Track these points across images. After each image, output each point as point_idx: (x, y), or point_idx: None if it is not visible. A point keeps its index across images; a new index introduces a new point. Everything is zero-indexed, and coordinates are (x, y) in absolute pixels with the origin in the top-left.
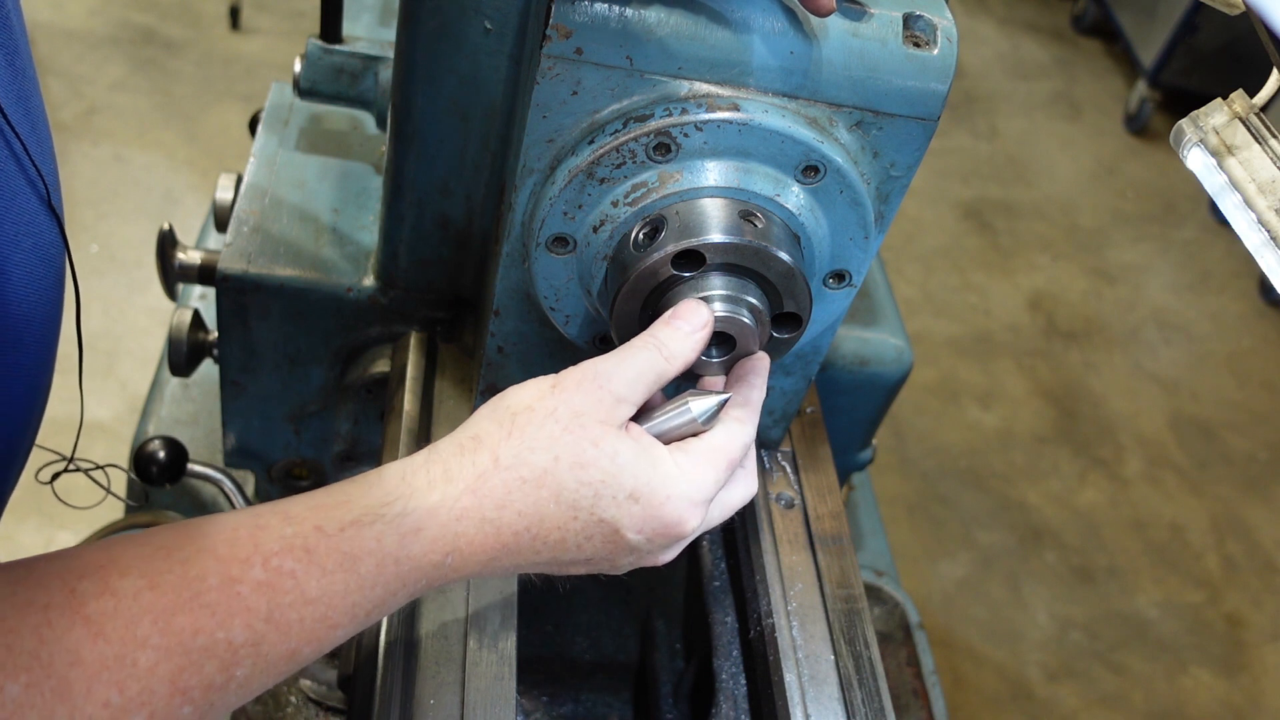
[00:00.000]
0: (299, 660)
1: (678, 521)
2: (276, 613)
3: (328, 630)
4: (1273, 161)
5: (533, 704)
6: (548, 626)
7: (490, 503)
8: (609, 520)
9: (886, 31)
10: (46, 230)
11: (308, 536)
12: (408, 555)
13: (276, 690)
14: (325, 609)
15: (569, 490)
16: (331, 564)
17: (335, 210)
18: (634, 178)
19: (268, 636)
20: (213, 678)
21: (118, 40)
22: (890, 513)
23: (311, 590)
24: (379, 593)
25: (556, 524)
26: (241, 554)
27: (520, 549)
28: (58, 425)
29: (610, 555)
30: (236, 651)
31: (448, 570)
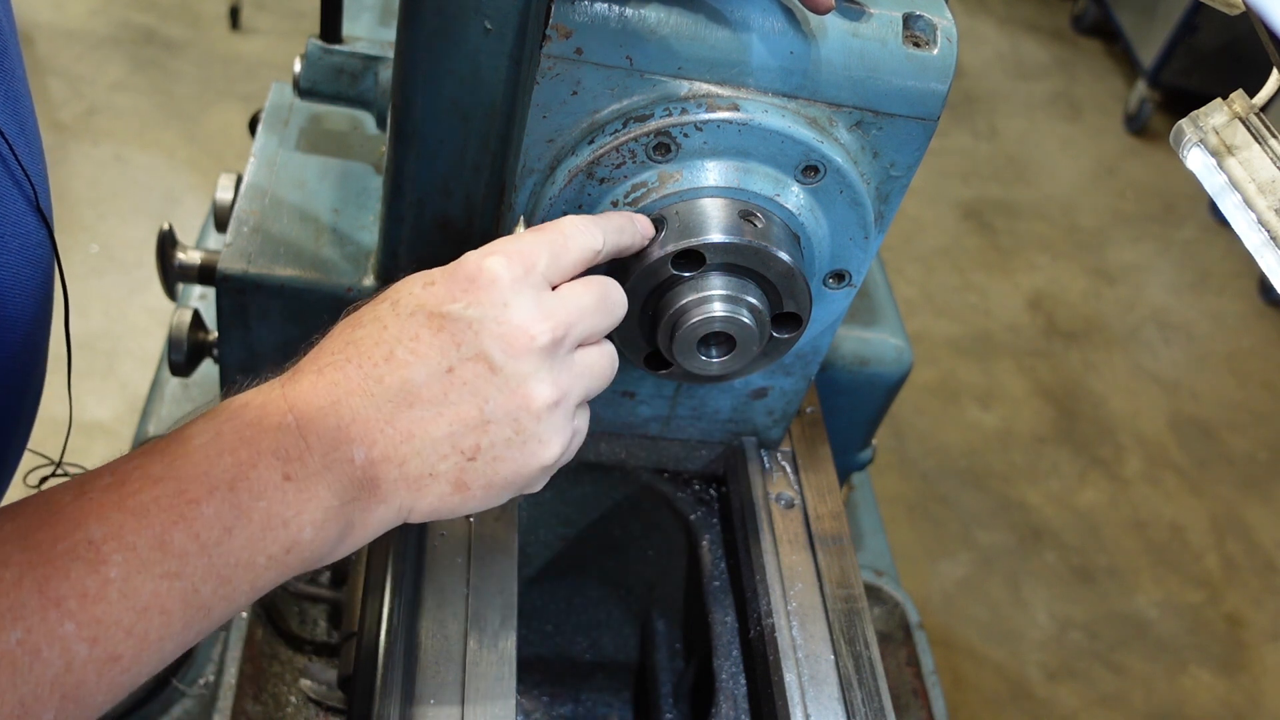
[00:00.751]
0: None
1: (478, 267)
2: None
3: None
4: (1273, 161)
5: (533, 704)
6: (548, 626)
7: (314, 356)
8: (418, 307)
9: (886, 31)
10: (34, 231)
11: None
12: (242, 420)
13: (276, 690)
14: (175, 483)
15: (368, 310)
16: (168, 445)
17: (335, 210)
18: (634, 178)
19: (126, 525)
20: (85, 582)
21: (118, 40)
22: (890, 513)
23: (155, 471)
24: (228, 460)
25: (372, 339)
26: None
27: (353, 382)
28: (57, 426)
29: (456, 343)
30: (99, 548)
31: (297, 429)
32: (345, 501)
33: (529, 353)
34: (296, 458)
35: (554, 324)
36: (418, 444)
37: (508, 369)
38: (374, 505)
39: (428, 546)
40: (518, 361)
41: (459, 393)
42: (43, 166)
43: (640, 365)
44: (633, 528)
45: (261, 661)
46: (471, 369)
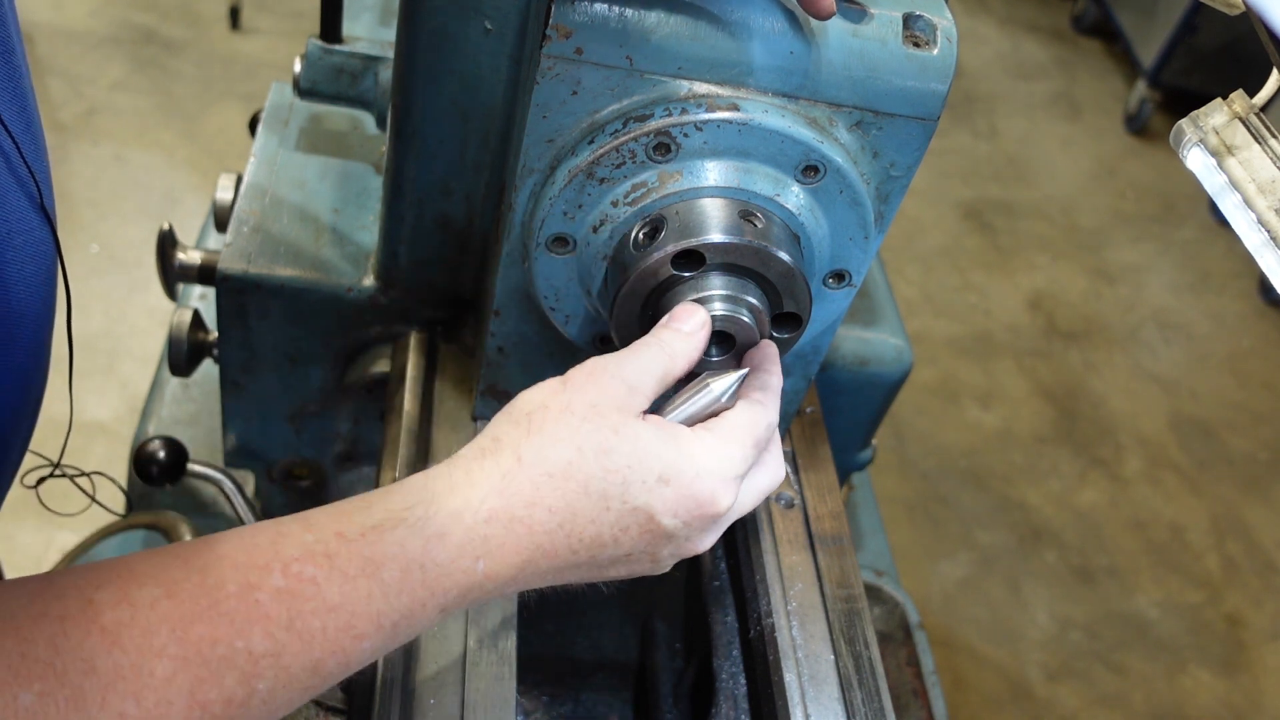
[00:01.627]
0: (323, 674)
1: (711, 499)
2: (298, 621)
3: (353, 640)
4: (1273, 161)
5: (533, 704)
6: (548, 626)
7: (519, 501)
8: (642, 507)
9: (886, 31)
10: (37, 229)
11: (328, 542)
12: (433, 561)
13: None
14: (348, 617)
15: (597, 479)
16: (353, 569)
17: (335, 210)
18: (634, 178)
19: (289, 646)
20: (233, 691)
21: (118, 40)
22: (890, 513)
23: (333, 597)
24: (405, 601)
25: (589, 517)
26: (260, 560)
27: (556, 549)
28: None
29: (649, 547)
30: (257, 662)
31: (481, 578)
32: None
33: (711, 531)
34: (463, 598)
35: (738, 507)
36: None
37: (663, 566)
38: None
39: None
40: (699, 539)
41: (617, 568)
42: (46, 165)
43: None
44: None
45: None
46: (641, 561)
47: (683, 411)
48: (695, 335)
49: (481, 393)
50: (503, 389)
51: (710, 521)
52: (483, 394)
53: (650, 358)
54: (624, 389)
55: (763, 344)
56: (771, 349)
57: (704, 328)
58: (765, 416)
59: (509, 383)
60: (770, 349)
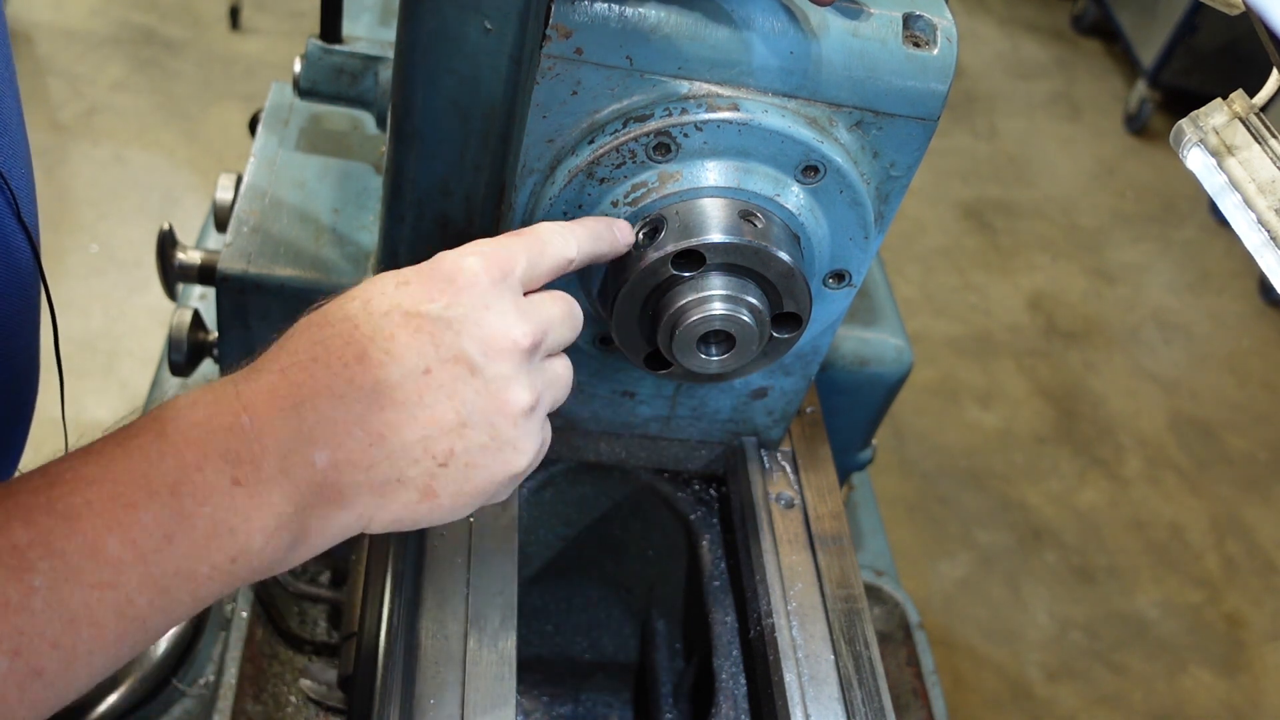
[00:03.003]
0: (109, 557)
1: (456, 268)
2: (57, 503)
3: (125, 510)
4: (1273, 161)
5: (533, 704)
6: (548, 626)
7: (276, 352)
8: (392, 309)
9: (886, 31)
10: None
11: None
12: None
13: (276, 690)
14: (111, 486)
15: (337, 310)
16: (107, 446)
17: (335, 210)
18: (634, 178)
19: (55, 529)
20: (6, 591)
21: (118, 40)
22: (890, 513)
23: (90, 472)
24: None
25: (343, 339)
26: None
27: (320, 382)
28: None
29: (434, 344)
30: (24, 554)
31: (252, 431)
32: (301, 508)
33: (509, 355)
34: (249, 461)
35: (533, 328)
36: (388, 448)
37: (488, 371)
38: (333, 512)
39: (428, 546)
40: (498, 364)
41: (435, 395)
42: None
43: (640, 365)
44: (633, 528)
45: (261, 661)
46: (450, 370)
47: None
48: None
49: None
50: None
51: (481, 295)
52: None
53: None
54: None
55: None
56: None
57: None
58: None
59: None
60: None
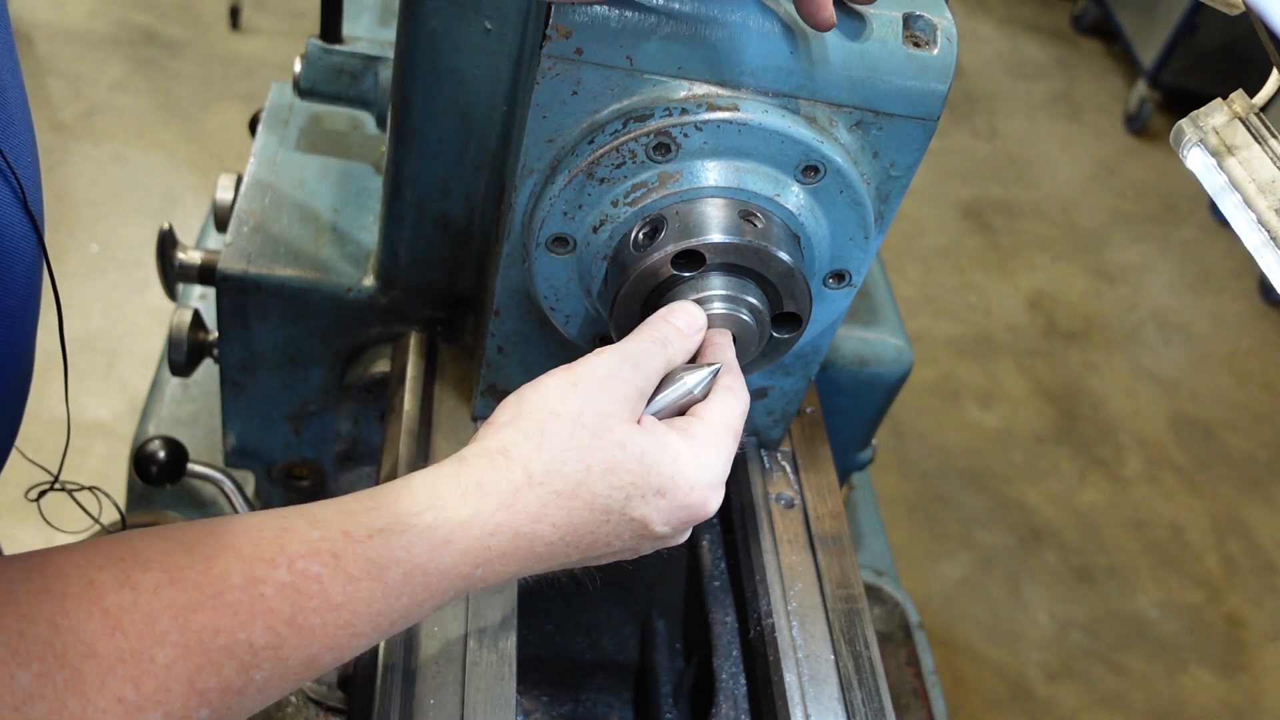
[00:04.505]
0: (318, 666)
1: (701, 506)
2: (299, 617)
3: (350, 638)
4: (1273, 161)
5: (533, 704)
6: (548, 626)
7: (525, 518)
8: (639, 518)
9: (886, 31)
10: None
11: (335, 541)
12: (437, 567)
13: None
14: (349, 616)
15: (601, 497)
16: (358, 570)
17: (335, 210)
18: (634, 178)
19: (289, 640)
20: (231, 680)
21: (118, 40)
22: (890, 513)
23: (336, 596)
24: (404, 602)
25: (589, 529)
26: (267, 554)
27: (553, 556)
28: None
29: (636, 546)
30: (257, 654)
31: (476, 581)
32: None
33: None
34: (457, 596)
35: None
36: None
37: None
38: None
39: None
40: (685, 533)
41: (604, 559)
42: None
43: None
44: None
45: None
46: (634, 548)
47: (661, 403)
48: (693, 338)
49: (481, 393)
50: (502, 389)
51: (696, 523)
52: (483, 394)
53: (655, 359)
54: (634, 396)
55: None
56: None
57: (702, 332)
58: (738, 407)
59: (509, 383)
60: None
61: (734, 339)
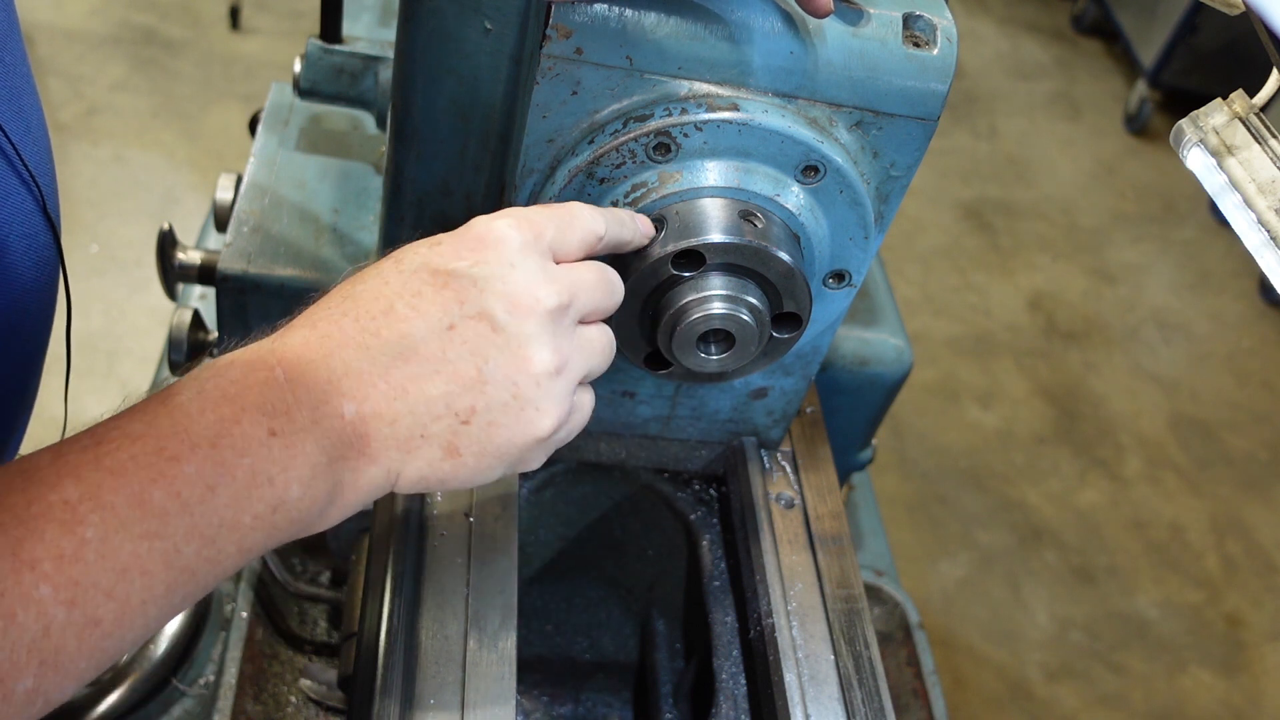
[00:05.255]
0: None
1: (488, 229)
2: (104, 459)
3: (169, 463)
4: (1273, 161)
5: (533, 704)
6: (548, 626)
7: (309, 313)
8: (421, 265)
9: (886, 31)
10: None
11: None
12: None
13: (276, 690)
14: (154, 441)
15: (369, 271)
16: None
17: (335, 210)
18: (634, 178)
19: (103, 484)
20: (59, 543)
21: (118, 40)
22: (890, 513)
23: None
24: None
25: (371, 294)
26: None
27: (347, 334)
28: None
29: (459, 300)
30: (75, 508)
31: (285, 382)
32: (333, 459)
33: (533, 315)
34: (283, 412)
35: (559, 289)
36: (411, 401)
37: (510, 329)
38: (363, 465)
39: (428, 546)
40: (521, 322)
41: (458, 350)
42: (50, 167)
43: (640, 365)
44: (633, 528)
45: (261, 661)
46: (473, 327)
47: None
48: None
49: None
50: None
51: (511, 255)
52: None
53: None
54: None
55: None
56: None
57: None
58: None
59: None
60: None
61: (734, 339)
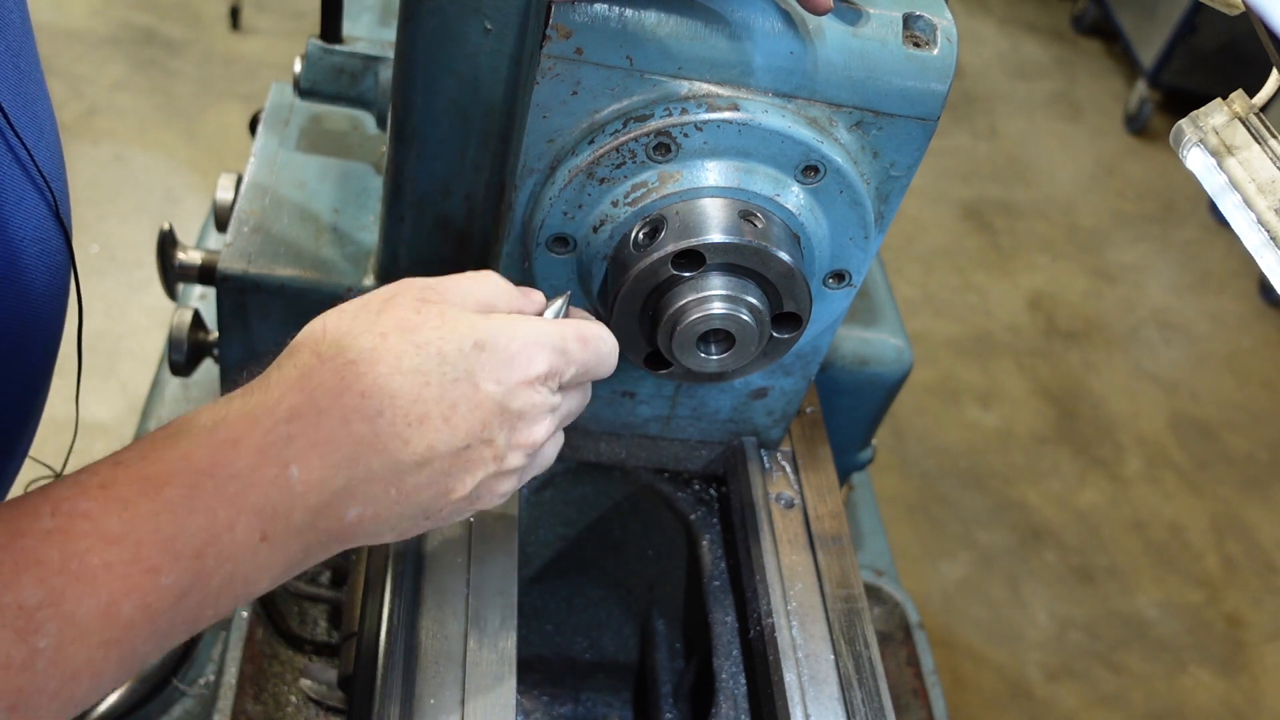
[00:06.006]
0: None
1: (529, 361)
2: (73, 561)
3: (146, 575)
4: (1272, 161)
5: (533, 704)
6: (548, 626)
7: (324, 393)
8: (463, 376)
9: (886, 31)
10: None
11: (104, 472)
12: (229, 472)
13: (276, 690)
14: (134, 547)
15: (409, 356)
16: (131, 493)
17: (335, 210)
18: (634, 178)
19: (68, 591)
20: (9, 652)
21: (118, 40)
22: (890, 513)
23: (113, 527)
24: (201, 520)
25: (410, 396)
26: (29, 508)
27: (380, 439)
28: (58, 426)
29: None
30: (31, 616)
31: (299, 487)
32: (310, 552)
33: (528, 450)
34: (283, 515)
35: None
36: (406, 504)
37: (510, 463)
38: (337, 548)
39: (427, 547)
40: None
41: (461, 469)
42: (62, 171)
43: (640, 365)
44: (633, 528)
45: (261, 661)
46: (482, 452)
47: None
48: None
49: None
50: None
51: (532, 392)
52: None
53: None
54: (423, 286)
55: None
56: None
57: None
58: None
59: None
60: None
61: (734, 339)
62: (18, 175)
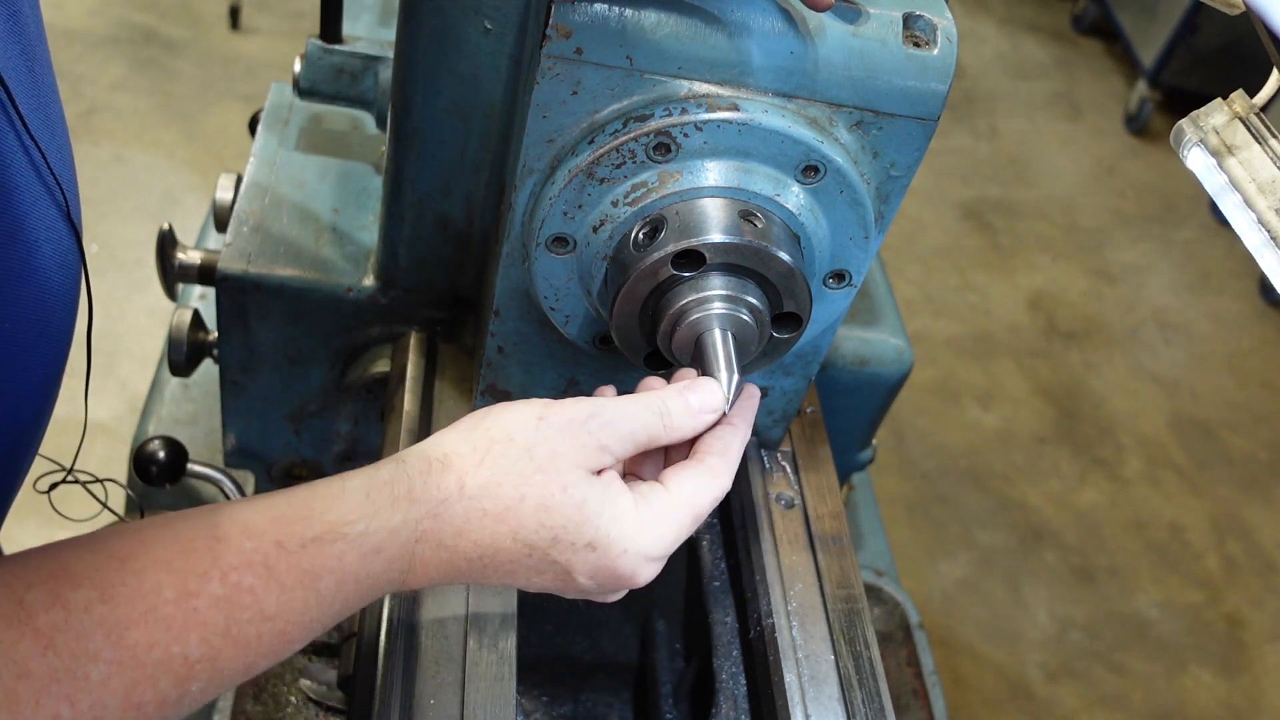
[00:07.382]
0: (253, 672)
1: (630, 575)
2: (234, 628)
3: (284, 644)
4: (1273, 161)
5: (533, 704)
6: (548, 626)
7: (449, 529)
8: (562, 564)
9: (886, 31)
10: (65, 239)
11: (267, 553)
12: (368, 574)
13: (276, 690)
14: (283, 625)
15: (528, 530)
16: (291, 581)
17: (335, 210)
18: (634, 178)
19: (224, 651)
20: (167, 692)
21: (118, 40)
22: (890, 513)
23: (270, 607)
24: (336, 608)
25: (510, 557)
26: (199, 568)
27: (473, 573)
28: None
29: (559, 589)
30: (192, 667)
31: (402, 584)
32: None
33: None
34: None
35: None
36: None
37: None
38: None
39: None
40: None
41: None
42: (73, 173)
43: (640, 365)
44: None
45: None
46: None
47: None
48: (702, 416)
49: (481, 393)
50: (502, 389)
51: (624, 588)
52: (483, 394)
53: (641, 423)
54: (594, 448)
55: (748, 389)
56: (753, 400)
57: (715, 412)
58: (714, 490)
59: (509, 383)
60: (751, 400)
61: (734, 341)
62: (32, 177)
